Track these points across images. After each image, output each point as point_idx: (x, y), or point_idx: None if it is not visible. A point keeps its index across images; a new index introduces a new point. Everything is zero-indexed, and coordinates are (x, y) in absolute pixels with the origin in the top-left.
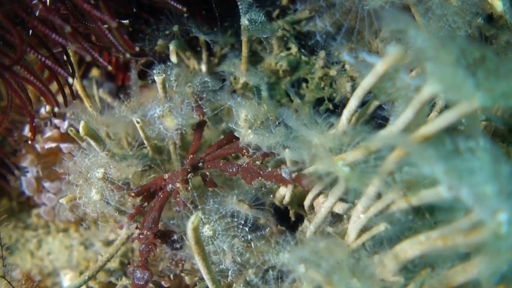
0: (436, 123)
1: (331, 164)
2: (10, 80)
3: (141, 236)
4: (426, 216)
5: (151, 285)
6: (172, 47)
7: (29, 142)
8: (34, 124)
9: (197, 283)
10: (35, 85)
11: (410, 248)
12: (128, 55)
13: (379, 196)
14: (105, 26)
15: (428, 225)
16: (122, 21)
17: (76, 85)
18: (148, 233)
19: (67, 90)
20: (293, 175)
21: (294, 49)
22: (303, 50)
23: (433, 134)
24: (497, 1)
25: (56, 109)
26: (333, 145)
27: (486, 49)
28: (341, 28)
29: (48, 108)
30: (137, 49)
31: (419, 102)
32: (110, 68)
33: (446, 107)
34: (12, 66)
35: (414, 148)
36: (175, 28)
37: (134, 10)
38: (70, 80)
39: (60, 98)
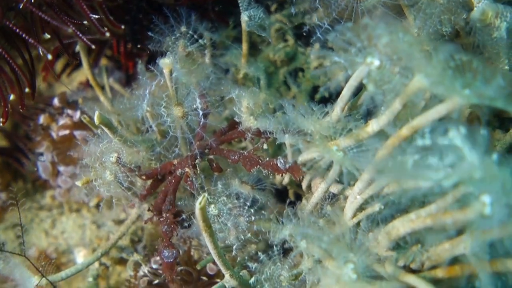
0: (427, 116)
1: (326, 149)
2: None
3: (161, 219)
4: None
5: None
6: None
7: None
8: (7, 109)
9: (204, 258)
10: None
11: (401, 226)
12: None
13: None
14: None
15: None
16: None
17: (88, 74)
18: (168, 214)
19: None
20: (287, 166)
21: (291, 41)
22: (299, 42)
23: (424, 126)
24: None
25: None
26: (328, 132)
27: (473, 55)
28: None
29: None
30: (122, 27)
31: (407, 95)
32: (89, 43)
33: None
34: None
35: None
36: (183, 28)
37: (144, 6)
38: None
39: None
